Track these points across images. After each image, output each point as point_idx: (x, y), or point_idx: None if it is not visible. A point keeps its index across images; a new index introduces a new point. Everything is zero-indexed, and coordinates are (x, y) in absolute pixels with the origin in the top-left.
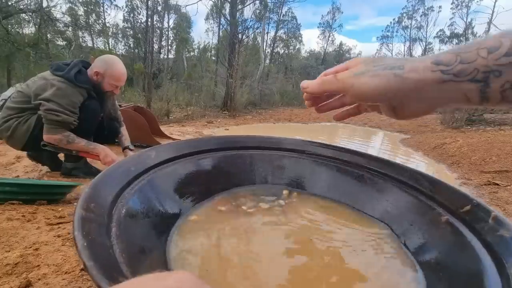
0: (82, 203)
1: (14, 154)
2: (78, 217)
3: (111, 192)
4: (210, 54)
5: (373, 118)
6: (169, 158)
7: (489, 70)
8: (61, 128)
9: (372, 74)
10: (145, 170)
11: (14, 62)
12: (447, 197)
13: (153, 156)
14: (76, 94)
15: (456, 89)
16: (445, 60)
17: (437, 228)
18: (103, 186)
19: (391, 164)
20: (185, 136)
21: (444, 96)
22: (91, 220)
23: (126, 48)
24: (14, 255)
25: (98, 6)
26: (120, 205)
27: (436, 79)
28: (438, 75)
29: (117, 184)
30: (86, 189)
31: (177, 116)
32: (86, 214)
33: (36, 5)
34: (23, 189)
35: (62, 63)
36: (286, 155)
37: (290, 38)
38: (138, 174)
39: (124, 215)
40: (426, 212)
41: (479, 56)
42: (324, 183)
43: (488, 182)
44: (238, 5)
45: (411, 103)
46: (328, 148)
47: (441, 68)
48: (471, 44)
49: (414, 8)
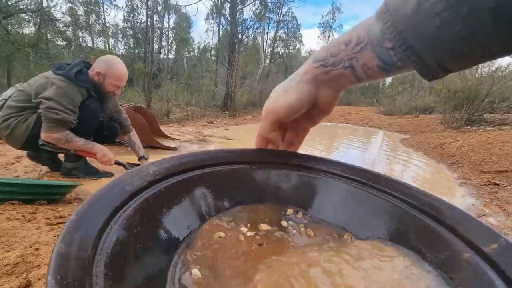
0: (64, 235)
1: (14, 154)
2: (55, 255)
3: (102, 217)
4: (210, 54)
5: (373, 118)
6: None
7: (350, 58)
8: (60, 127)
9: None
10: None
11: (14, 62)
12: (470, 231)
13: (151, 172)
14: (76, 93)
15: (338, 74)
16: (320, 57)
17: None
18: (92, 211)
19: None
20: (185, 136)
21: (335, 81)
22: (72, 257)
23: (126, 48)
24: (14, 255)
25: (98, 6)
26: (112, 233)
27: (321, 72)
28: (321, 68)
29: (110, 206)
30: (71, 216)
31: (177, 116)
32: (67, 249)
33: (36, 5)
34: (23, 189)
35: (64, 63)
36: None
37: (290, 38)
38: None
39: (115, 246)
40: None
41: (341, 49)
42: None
43: (488, 182)
44: (238, 5)
45: (321, 95)
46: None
47: (320, 63)
48: (334, 41)
49: None
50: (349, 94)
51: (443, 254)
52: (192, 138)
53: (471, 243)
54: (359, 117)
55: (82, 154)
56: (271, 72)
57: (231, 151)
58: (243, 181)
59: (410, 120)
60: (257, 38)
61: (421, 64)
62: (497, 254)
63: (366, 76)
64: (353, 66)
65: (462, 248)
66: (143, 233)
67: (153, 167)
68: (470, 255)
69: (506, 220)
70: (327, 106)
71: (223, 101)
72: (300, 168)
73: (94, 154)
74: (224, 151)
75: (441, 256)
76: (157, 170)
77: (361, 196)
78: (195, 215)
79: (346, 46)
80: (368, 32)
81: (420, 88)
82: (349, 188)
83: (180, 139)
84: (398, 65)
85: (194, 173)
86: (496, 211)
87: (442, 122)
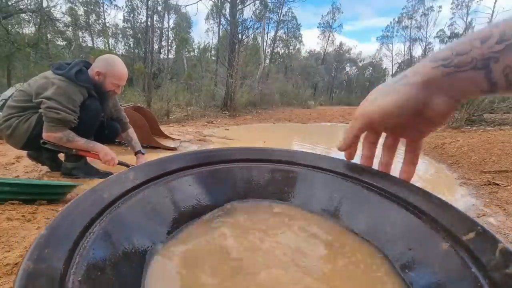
0: (32, 252)
1: (14, 154)
2: (21, 275)
3: (77, 229)
4: (210, 54)
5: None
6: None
7: (487, 57)
8: (61, 126)
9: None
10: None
11: (14, 62)
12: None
13: (131, 177)
14: (76, 93)
15: (463, 78)
16: (442, 56)
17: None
18: (66, 223)
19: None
20: (185, 136)
21: (456, 87)
22: (41, 275)
23: (126, 48)
24: (14, 255)
25: (98, 6)
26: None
27: (440, 73)
28: (441, 69)
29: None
30: (41, 231)
31: (177, 116)
32: (35, 266)
33: (36, 5)
34: (23, 189)
35: (64, 63)
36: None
37: (290, 38)
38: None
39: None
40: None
41: (473, 47)
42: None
43: (488, 182)
44: (238, 5)
45: (434, 102)
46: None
47: (441, 63)
48: (463, 38)
49: (414, 8)
50: (349, 94)
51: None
52: (192, 138)
53: (451, 232)
54: None
55: (85, 154)
56: (271, 72)
57: (213, 150)
58: (227, 180)
59: None
60: (257, 38)
61: None
62: (473, 242)
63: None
64: (490, 67)
65: (443, 238)
66: (121, 242)
67: (133, 172)
68: (449, 244)
69: (506, 220)
70: (439, 117)
71: (223, 101)
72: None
73: (96, 153)
74: (206, 151)
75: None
76: (137, 175)
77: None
78: (177, 218)
79: (482, 43)
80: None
81: None
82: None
83: (180, 139)
84: None
85: (176, 175)
86: (496, 211)
87: None
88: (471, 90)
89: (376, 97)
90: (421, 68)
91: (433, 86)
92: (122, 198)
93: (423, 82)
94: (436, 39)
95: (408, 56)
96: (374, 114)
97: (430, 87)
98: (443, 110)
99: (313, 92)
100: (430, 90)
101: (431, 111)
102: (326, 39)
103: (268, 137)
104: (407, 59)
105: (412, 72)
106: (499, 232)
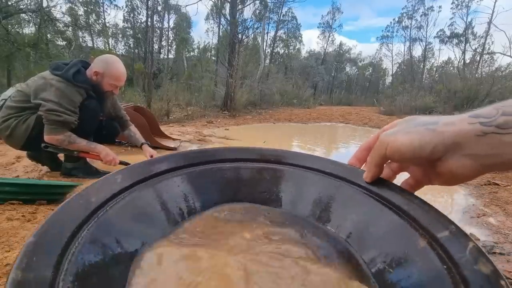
0: (21, 260)
1: (14, 154)
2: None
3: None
4: (210, 54)
5: (373, 118)
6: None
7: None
8: (63, 128)
9: (406, 131)
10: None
11: (14, 62)
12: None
13: (119, 180)
14: (75, 94)
15: (502, 143)
16: (484, 113)
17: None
18: (53, 229)
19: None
20: (185, 136)
21: (489, 152)
22: (30, 283)
23: (126, 48)
24: (14, 255)
25: (98, 6)
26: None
27: (475, 131)
28: (477, 126)
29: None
30: (29, 239)
31: (177, 116)
32: (24, 275)
33: (36, 5)
34: (23, 189)
35: (62, 63)
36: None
37: (290, 38)
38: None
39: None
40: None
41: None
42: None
43: (488, 182)
44: (238, 5)
45: (452, 159)
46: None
47: (480, 120)
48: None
49: (414, 8)
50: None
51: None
52: (192, 138)
53: (428, 231)
54: (359, 117)
55: (86, 155)
56: (271, 72)
57: (203, 151)
58: (216, 180)
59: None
60: (257, 38)
61: None
62: (447, 240)
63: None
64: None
65: (419, 236)
66: (110, 246)
67: (120, 175)
68: (426, 241)
69: (506, 220)
70: (451, 177)
71: (223, 101)
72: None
73: (97, 154)
74: (197, 151)
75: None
76: (125, 177)
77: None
78: (165, 221)
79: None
80: None
81: (420, 88)
82: (320, 180)
83: (180, 139)
84: None
85: (165, 176)
86: (496, 211)
87: None
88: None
89: (399, 130)
90: (457, 120)
91: (460, 145)
92: (110, 201)
93: (451, 136)
94: (436, 39)
95: (408, 56)
96: (388, 146)
97: (457, 145)
98: (462, 173)
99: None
100: (455, 149)
101: (449, 171)
102: (326, 39)
103: (268, 137)
104: (407, 59)
105: (445, 121)
106: (499, 232)
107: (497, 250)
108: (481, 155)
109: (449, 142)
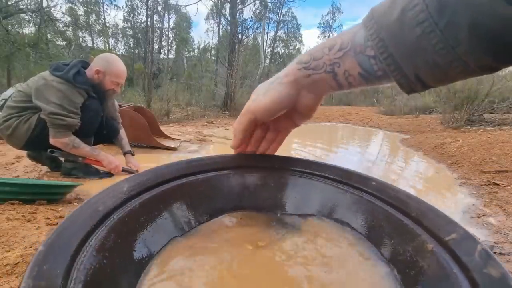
0: (32, 269)
1: (14, 154)
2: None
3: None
4: (210, 54)
5: (373, 118)
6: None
7: (332, 63)
8: (68, 132)
9: (263, 94)
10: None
11: (14, 62)
12: (433, 222)
13: (125, 189)
14: (76, 95)
15: (320, 79)
16: (304, 59)
17: (423, 258)
18: (62, 239)
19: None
20: (185, 136)
21: (317, 85)
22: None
23: (126, 48)
24: (14, 255)
25: (98, 6)
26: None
27: (303, 75)
28: (303, 71)
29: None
30: (39, 248)
31: (177, 116)
32: (35, 284)
33: (36, 5)
34: (23, 189)
35: (62, 63)
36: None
37: (290, 38)
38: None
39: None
40: (412, 239)
41: (324, 53)
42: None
43: (488, 182)
44: (238, 5)
45: (303, 97)
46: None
47: (303, 65)
48: (318, 45)
49: None
50: (349, 94)
51: (410, 246)
52: (192, 138)
53: (434, 234)
54: (359, 117)
55: (90, 162)
56: (271, 72)
57: (207, 158)
58: (221, 188)
59: (410, 120)
60: (257, 38)
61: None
62: (455, 243)
63: (347, 83)
64: (335, 71)
65: (426, 239)
66: (118, 255)
67: (128, 183)
68: (433, 245)
69: (506, 220)
70: (307, 110)
71: (223, 101)
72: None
73: (100, 161)
74: (200, 159)
75: (408, 248)
76: (132, 186)
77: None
78: (172, 229)
79: (329, 50)
80: (353, 38)
81: None
82: (324, 186)
83: (180, 139)
84: (378, 74)
85: (170, 185)
86: (496, 211)
87: (442, 122)
88: (326, 88)
89: (258, 95)
90: (290, 70)
91: (300, 84)
92: (117, 210)
93: (292, 82)
94: None
95: None
96: (257, 109)
97: (298, 86)
98: (310, 104)
99: None
100: (298, 88)
101: (301, 105)
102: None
103: None
104: None
105: (285, 73)
106: (499, 232)
107: (497, 250)
108: (313, 88)
109: (296, 87)
